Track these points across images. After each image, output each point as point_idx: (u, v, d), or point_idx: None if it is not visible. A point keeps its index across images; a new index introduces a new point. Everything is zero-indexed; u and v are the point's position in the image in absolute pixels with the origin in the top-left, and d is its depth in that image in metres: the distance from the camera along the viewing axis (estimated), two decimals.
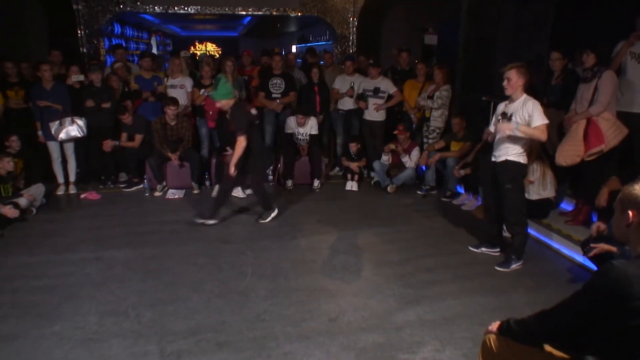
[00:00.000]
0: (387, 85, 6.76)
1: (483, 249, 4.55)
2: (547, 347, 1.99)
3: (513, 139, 4.00)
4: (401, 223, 5.37)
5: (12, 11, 8.66)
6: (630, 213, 1.77)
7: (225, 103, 4.95)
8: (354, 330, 3.27)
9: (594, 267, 3.78)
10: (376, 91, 6.71)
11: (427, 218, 5.52)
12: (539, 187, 4.84)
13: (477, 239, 4.80)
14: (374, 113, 6.77)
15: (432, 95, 6.29)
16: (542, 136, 3.95)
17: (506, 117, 4.02)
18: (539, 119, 3.89)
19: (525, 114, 3.91)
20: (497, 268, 4.22)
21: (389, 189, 6.42)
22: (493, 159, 4.19)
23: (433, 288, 3.86)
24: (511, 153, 4.04)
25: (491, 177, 4.26)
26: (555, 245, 4.69)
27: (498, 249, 4.49)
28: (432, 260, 4.40)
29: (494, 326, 2.13)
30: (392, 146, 6.48)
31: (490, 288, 3.88)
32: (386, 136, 6.85)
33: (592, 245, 3.38)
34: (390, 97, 6.76)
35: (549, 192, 4.88)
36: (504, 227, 4.47)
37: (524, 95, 3.98)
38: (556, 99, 5.16)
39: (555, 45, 5.92)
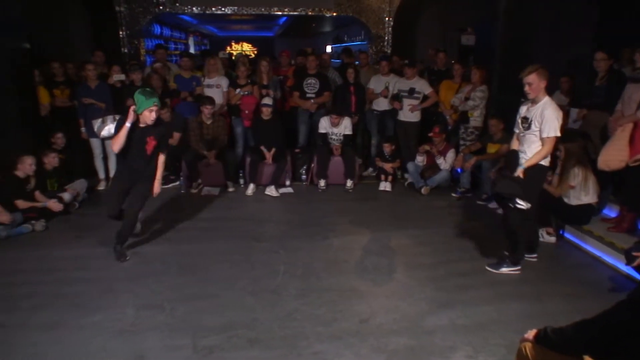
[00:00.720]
0: (422, 86, 6.68)
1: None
2: (587, 358, 1.92)
3: (532, 145, 3.91)
4: (435, 225, 5.30)
5: (58, 14, 9.01)
6: None
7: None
8: (385, 333, 3.25)
9: (639, 277, 3.63)
10: (411, 92, 6.64)
11: (462, 221, 5.42)
12: (580, 192, 4.68)
13: None
14: (409, 114, 6.71)
15: (469, 96, 6.18)
16: (547, 152, 3.85)
17: (527, 121, 3.94)
18: (549, 130, 3.79)
19: (541, 120, 3.82)
20: (487, 267, 4.19)
21: (422, 190, 6.34)
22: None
23: (466, 292, 3.79)
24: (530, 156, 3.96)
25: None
26: (597, 252, 4.52)
27: (535, 255, 4.38)
28: (466, 264, 4.32)
29: (531, 334, 2.08)
30: (427, 147, 6.41)
31: (526, 294, 3.78)
32: (421, 137, 6.78)
33: (635, 253, 3.25)
34: (425, 97, 6.68)
35: (590, 198, 4.71)
36: (540, 232, 4.36)
37: (546, 98, 3.87)
38: (600, 101, 4.98)
39: (599, 44, 5.71)
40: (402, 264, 4.36)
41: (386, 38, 9.36)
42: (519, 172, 3.90)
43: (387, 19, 9.26)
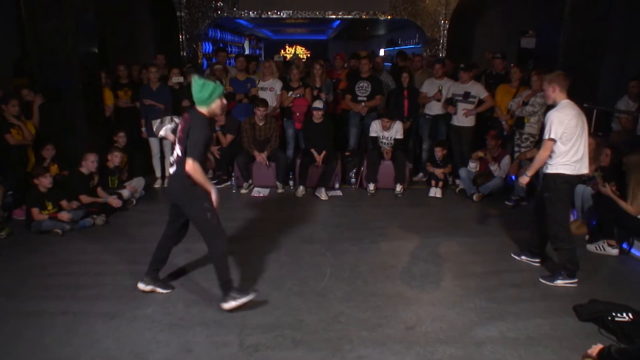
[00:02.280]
0: (478, 90, 6.51)
1: (523, 257, 4.42)
2: None
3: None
4: (486, 234, 5.14)
5: (124, 18, 9.51)
6: None
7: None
8: (431, 341, 3.19)
9: None
10: (466, 96, 6.49)
11: (515, 230, 5.22)
12: None
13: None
14: (463, 118, 6.55)
15: (528, 101, 5.95)
16: (542, 157, 3.89)
17: None
18: (546, 133, 3.82)
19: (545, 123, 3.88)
20: (541, 280, 4.05)
21: (474, 197, 6.17)
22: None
23: (519, 305, 3.65)
24: (550, 164, 3.91)
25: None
26: None
27: (538, 260, 4.32)
28: (519, 275, 4.16)
29: (595, 350, 1.97)
30: (481, 154, 6.22)
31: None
32: (474, 143, 6.60)
33: None
34: (481, 102, 6.50)
35: None
36: (600, 244, 4.38)
37: (560, 102, 3.86)
38: None
39: None
40: (451, 272, 4.27)
41: (441, 41, 9.19)
42: (522, 180, 4.09)
43: (442, 21, 9.10)
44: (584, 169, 3.91)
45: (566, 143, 3.79)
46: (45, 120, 5.84)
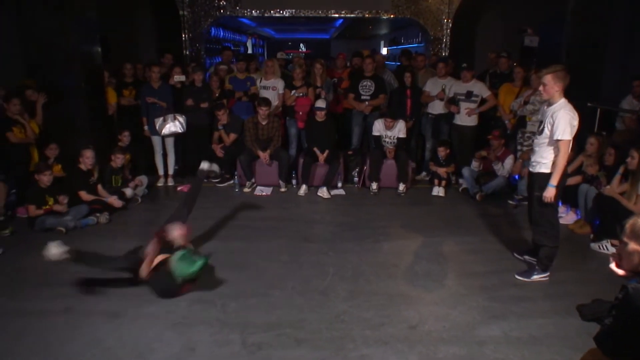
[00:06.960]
0: (480, 89, 6.50)
1: (526, 257, 4.36)
2: None
3: (543, 150, 3.83)
4: (489, 233, 5.13)
5: (126, 17, 9.51)
6: None
7: None
8: (434, 340, 3.18)
9: None
10: (468, 95, 6.47)
11: (518, 229, 5.22)
12: None
13: (571, 254, 4.47)
14: (466, 118, 6.54)
15: (529, 100, 5.94)
16: (563, 158, 3.72)
17: (540, 125, 3.87)
18: (561, 133, 3.66)
19: (552, 122, 3.72)
20: (517, 276, 4.07)
21: (477, 196, 6.15)
22: (530, 168, 4.04)
23: (521, 304, 3.65)
24: (542, 163, 3.85)
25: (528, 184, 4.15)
26: None
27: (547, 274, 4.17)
28: None
29: None
30: (484, 153, 6.21)
31: None
32: (477, 142, 6.58)
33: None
34: (483, 101, 6.49)
35: None
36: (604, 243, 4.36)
37: (561, 101, 3.74)
38: None
39: None
40: (454, 271, 4.26)
41: (444, 40, 9.17)
42: (549, 193, 3.76)
43: (445, 20, 9.07)
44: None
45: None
46: (50, 120, 5.85)
